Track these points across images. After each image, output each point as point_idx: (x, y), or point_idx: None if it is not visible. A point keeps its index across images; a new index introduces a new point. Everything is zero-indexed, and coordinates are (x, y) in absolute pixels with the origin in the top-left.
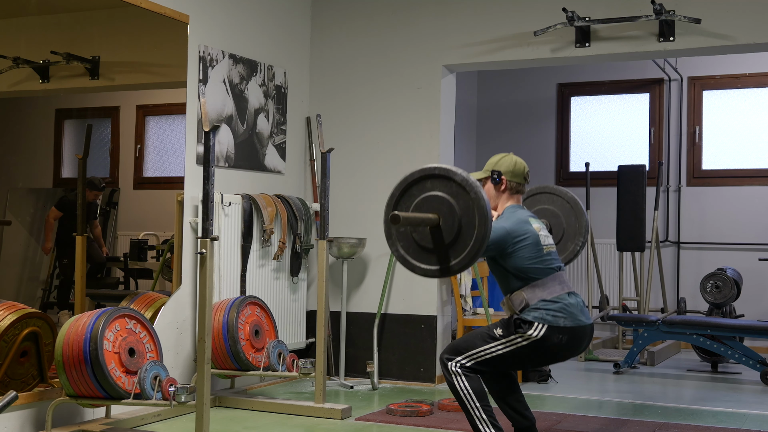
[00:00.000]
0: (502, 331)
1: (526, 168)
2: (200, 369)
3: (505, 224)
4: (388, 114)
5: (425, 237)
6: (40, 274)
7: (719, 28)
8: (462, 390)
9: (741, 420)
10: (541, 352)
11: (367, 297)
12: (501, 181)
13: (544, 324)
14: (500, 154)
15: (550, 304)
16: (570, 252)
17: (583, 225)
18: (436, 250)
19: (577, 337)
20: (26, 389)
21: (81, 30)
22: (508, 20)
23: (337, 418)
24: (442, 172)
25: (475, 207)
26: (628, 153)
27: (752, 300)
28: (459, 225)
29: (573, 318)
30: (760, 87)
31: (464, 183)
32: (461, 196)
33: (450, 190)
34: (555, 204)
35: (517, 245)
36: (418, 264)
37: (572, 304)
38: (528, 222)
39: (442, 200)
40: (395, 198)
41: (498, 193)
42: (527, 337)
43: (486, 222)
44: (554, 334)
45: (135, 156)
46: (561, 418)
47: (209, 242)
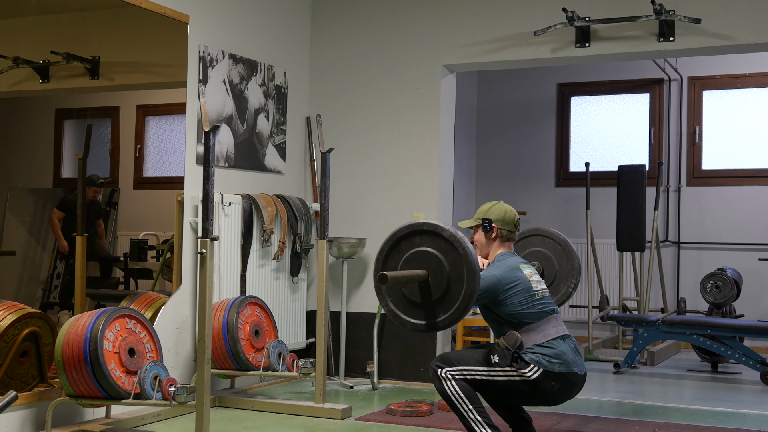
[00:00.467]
0: (498, 359)
1: (517, 216)
2: (200, 369)
3: (496, 272)
4: (388, 114)
5: (414, 292)
6: (40, 274)
7: (719, 28)
8: (453, 394)
9: (741, 420)
10: (532, 392)
11: (367, 297)
12: (492, 229)
13: (539, 368)
14: (491, 203)
15: (545, 349)
16: (563, 294)
17: (575, 267)
18: (424, 305)
19: (570, 384)
20: (26, 389)
21: (81, 30)
22: (508, 20)
23: (337, 418)
24: (431, 228)
25: (463, 262)
26: (628, 153)
27: (752, 300)
28: (448, 281)
29: (567, 366)
30: (760, 87)
31: (452, 239)
32: (449, 252)
33: (438, 245)
34: (547, 246)
35: (509, 292)
36: (408, 319)
37: (566, 352)
38: (519, 269)
39: (430, 256)
40: (384, 253)
41: (489, 241)
42: (521, 375)
43: (474, 277)
44: (547, 380)
45: (135, 156)
46: (561, 418)
47: (209, 242)
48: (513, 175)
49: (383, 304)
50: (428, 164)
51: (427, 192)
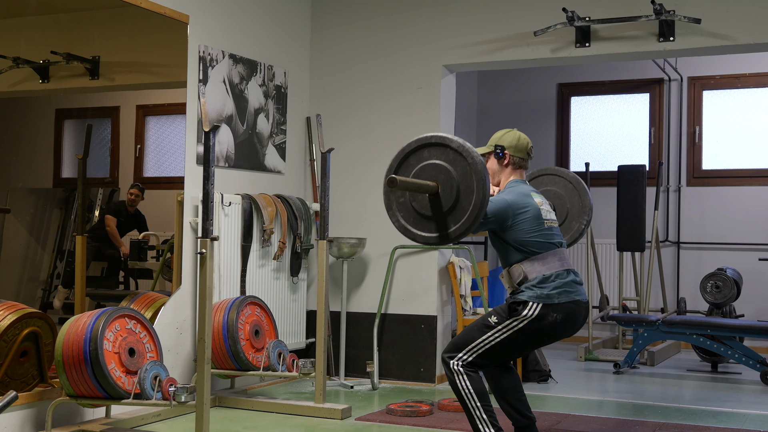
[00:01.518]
0: (496, 318)
1: (530, 143)
2: (200, 369)
3: (507, 197)
4: (388, 114)
5: (425, 205)
6: (40, 274)
7: (719, 28)
8: (464, 389)
9: (741, 420)
10: (538, 332)
11: (367, 297)
12: (504, 155)
13: (538, 303)
14: (504, 130)
15: (546, 281)
16: (575, 231)
17: (586, 204)
18: (435, 217)
19: (572, 314)
20: (26, 389)
21: (81, 30)
22: (508, 20)
23: (337, 418)
24: (439, 141)
25: (472, 172)
26: (628, 153)
27: (752, 300)
28: (457, 191)
29: (567, 295)
30: (760, 87)
31: (461, 149)
32: (458, 163)
33: (447, 157)
34: (558, 185)
35: (518, 218)
36: (419, 232)
37: (568, 282)
38: (530, 195)
39: (439, 168)
40: (393, 168)
41: (501, 167)
42: (522, 318)
43: (484, 187)
44: (549, 313)
45: (135, 156)
46: (561, 418)
47: (209, 242)
48: None
49: (393, 220)
50: None
51: None
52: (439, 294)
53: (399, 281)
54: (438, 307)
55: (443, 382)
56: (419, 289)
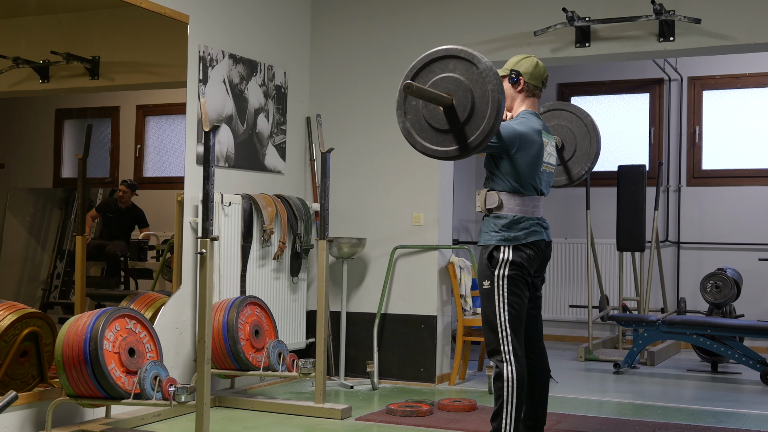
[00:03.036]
0: (487, 281)
1: (546, 72)
2: (200, 369)
3: (517, 127)
4: (388, 114)
5: (435, 117)
6: (40, 274)
7: (719, 28)
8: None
9: (741, 420)
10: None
11: (367, 297)
12: (519, 81)
13: (508, 245)
14: (521, 55)
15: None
16: (575, 174)
17: (593, 150)
18: (451, 130)
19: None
20: (26, 389)
21: (81, 30)
22: (508, 20)
23: (337, 418)
24: (467, 56)
25: (489, 98)
26: (628, 153)
27: (752, 300)
28: (471, 111)
29: (534, 234)
30: (760, 87)
31: (487, 72)
32: (479, 84)
33: (470, 75)
34: (573, 123)
35: (520, 151)
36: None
37: (534, 224)
38: (539, 133)
39: (459, 83)
40: (415, 70)
41: (514, 93)
42: (502, 263)
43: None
44: (520, 250)
45: (135, 156)
46: (561, 418)
47: (209, 242)
48: None
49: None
50: (428, 164)
51: (427, 192)
52: (439, 294)
53: (399, 281)
54: (438, 307)
55: (443, 382)
56: (419, 289)
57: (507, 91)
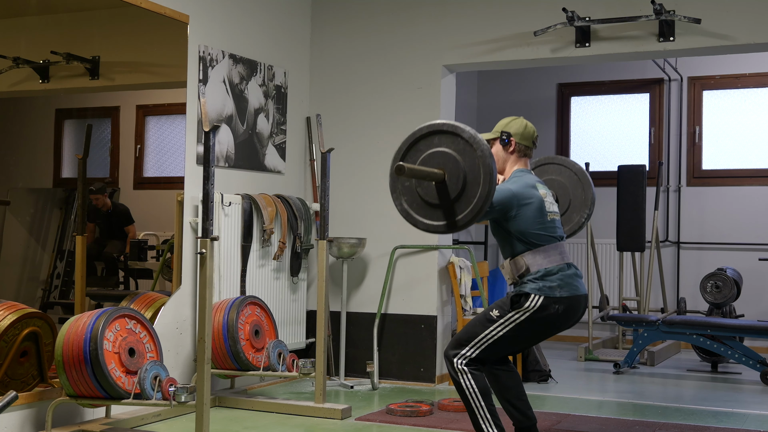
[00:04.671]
0: (498, 311)
1: (536, 132)
2: (200, 369)
3: (512, 186)
4: (388, 114)
5: (430, 192)
6: (40, 274)
7: (719, 28)
8: (467, 388)
9: (741, 420)
10: (540, 324)
11: (367, 297)
12: (510, 142)
13: (540, 295)
14: (510, 117)
15: (547, 275)
16: (575, 224)
17: (589, 197)
18: (441, 205)
19: (573, 306)
20: (26, 389)
21: (81, 30)
22: (508, 20)
23: (337, 418)
24: (450, 129)
25: (480, 164)
26: (628, 153)
27: (752, 300)
28: (464, 181)
29: (570, 288)
30: (760, 87)
31: (472, 140)
32: (468, 153)
33: (457, 146)
34: (563, 175)
35: (522, 209)
36: (421, 219)
37: (570, 275)
38: (535, 187)
39: (448, 156)
40: (402, 152)
41: (506, 155)
42: (525, 310)
43: (491, 179)
44: (551, 305)
45: (135, 156)
46: (561, 418)
47: (209, 242)
48: None
49: (397, 203)
50: None
51: None
52: (439, 294)
53: (399, 281)
54: (438, 307)
55: (443, 382)
56: (419, 289)
57: (498, 154)
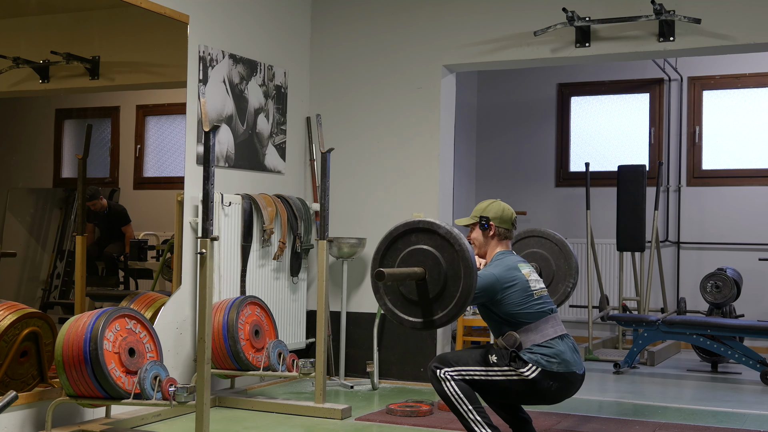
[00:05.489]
0: (496, 359)
1: (514, 214)
2: (200, 369)
3: (494, 271)
4: (388, 114)
5: (412, 290)
6: (40, 274)
7: (719, 28)
8: (452, 394)
9: (741, 420)
10: (530, 392)
11: (367, 297)
12: (489, 227)
13: (537, 367)
14: (488, 201)
15: (543, 348)
16: (561, 294)
17: (572, 266)
18: (421, 303)
19: (568, 384)
20: (26, 389)
21: (81, 30)
22: (508, 20)
23: (337, 418)
24: (426, 226)
25: (459, 259)
26: (628, 153)
27: (752, 300)
28: (445, 278)
29: (566, 365)
30: (760, 87)
31: (448, 236)
32: (446, 249)
33: (435, 243)
34: (544, 247)
35: (506, 291)
36: (405, 317)
37: (564, 351)
38: (517, 268)
39: (427, 253)
40: (381, 252)
41: (486, 239)
42: (519, 374)
43: (471, 274)
44: (545, 379)
45: (135, 156)
46: (561, 418)
47: (209, 242)
48: (513, 175)
49: (381, 303)
50: (428, 164)
51: (427, 192)
52: None
53: None
54: None
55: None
56: None
57: (478, 238)
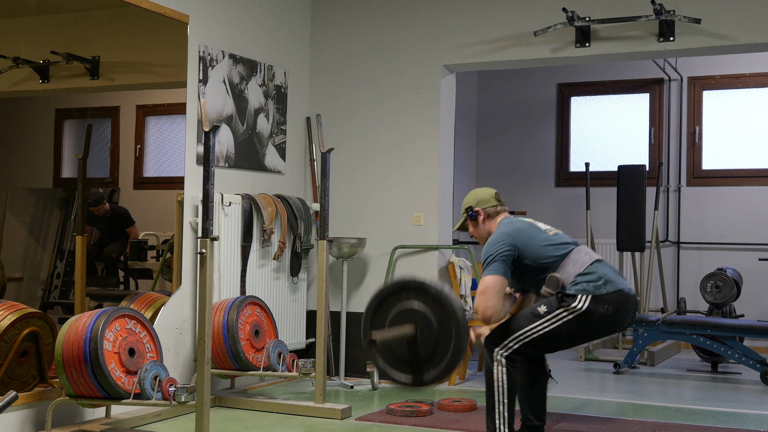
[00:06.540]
0: (546, 307)
1: (492, 190)
2: (200, 369)
3: (502, 229)
4: (388, 114)
5: (403, 348)
6: (40, 274)
7: (719, 28)
8: (497, 380)
9: (741, 420)
10: (588, 326)
11: (367, 297)
12: (477, 213)
13: (587, 295)
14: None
15: (586, 276)
16: None
17: None
18: (411, 361)
19: (622, 303)
20: (26, 389)
21: (81, 30)
22: (508, 20)
23: (337, 418)
24: (417, 285)
25: (451, 319)
26: (628, 153)
27: (752, 300)
28: (436, 337)
29: (613, 284)
30: (760, 87)
31: (439, 295)
32: (436, 307)
33: (426, 301)
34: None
35: (523, 237)
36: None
37: (607, 273)
38: (518, 220)
39: (417, 312)
40: (371, 311)
41: (482, 225)
42: (572, 310)
43: (462, 334)
44: (599, 305)
45: (135, 156)
46: (561, 418)
47: (209, 242)
48: (513, 175)
49: (373, 361)
50: (428, 164)
51: (427, 192)
52: None
53: None
54: None
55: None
56: None
57: (476, 228)
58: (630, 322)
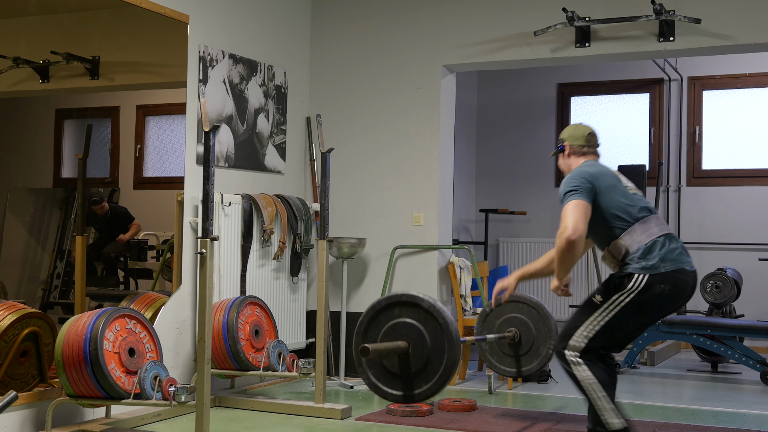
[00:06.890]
0: (601, 296)
1: (588, 130)
2: (200, 369)
3: (586, 168)
4: (388, 114)
5: (395, 363)
6: (40, 274)
7: (719, 28)
8: (584, 379)
9: (741, 420)
10: (646, 305)
11: (367, 297)
12: (564, 147)
13: (644, 274)
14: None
15: (650, 252)
16: (543, 356)
17: (552, 328)
18: (403, 376)
19: (680, 284)
20: (26, 389)
21: (81, 30)
22: (508, 20)
23: (337, 418)
24: (410, 299)
25: (443, 333)
26: (628, 153)
27: (752, 300)
28: (428, 352)
29: (674, 263)
30: (760, 87)
31: (432, 309)
32: (429, 322)
33: (418, 316)
34: (521, 311)
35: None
36: (388, 390)
37: (673, 250)
38: (604, 166)
39: (411, 327)
40: (364, 326)
41: (566, 160)
42: (628, 291)
43: (455, 348)
44: (656, 283)
45: (135, 156)
46: (561, 418)
47: (209, 242)
48: (513, 175)
49: (364, 377)
50: (428, 164)
51: (427, 192)
52: (439, 294)
53: (399, 281)
54: None
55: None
56: (419, 289)
57: (562, 161)
58: (688, 299)
